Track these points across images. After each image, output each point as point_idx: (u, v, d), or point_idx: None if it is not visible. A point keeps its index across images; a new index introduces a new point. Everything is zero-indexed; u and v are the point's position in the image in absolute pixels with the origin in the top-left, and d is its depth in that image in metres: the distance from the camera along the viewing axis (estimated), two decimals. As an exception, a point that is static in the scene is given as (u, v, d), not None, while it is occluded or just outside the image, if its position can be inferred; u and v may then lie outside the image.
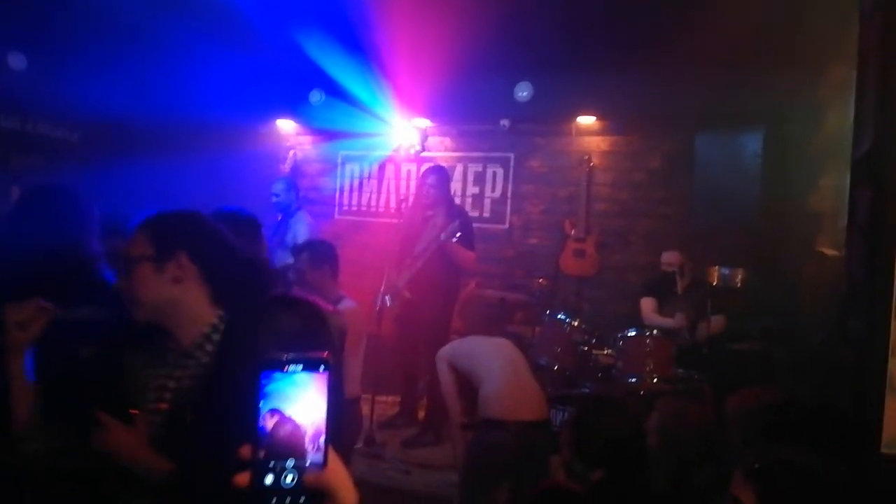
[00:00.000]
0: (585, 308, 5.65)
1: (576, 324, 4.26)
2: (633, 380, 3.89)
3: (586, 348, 4.17)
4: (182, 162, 5.28)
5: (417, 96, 5.87)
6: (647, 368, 3.86)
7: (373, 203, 6.61)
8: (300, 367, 0.69)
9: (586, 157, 5.78)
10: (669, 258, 4.80)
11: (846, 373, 1.96)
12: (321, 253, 3.34)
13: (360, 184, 6.66)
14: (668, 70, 4.81)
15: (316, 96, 6.09)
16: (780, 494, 1.46)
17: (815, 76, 4.73)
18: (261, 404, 0.68)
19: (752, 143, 4.67)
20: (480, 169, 6.22)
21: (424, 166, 5.56)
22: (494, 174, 6.18)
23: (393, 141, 6.38)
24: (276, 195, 5.33)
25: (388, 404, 5.15)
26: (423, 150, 6.26)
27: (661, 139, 5.64)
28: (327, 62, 5.25)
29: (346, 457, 2.68)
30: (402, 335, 4.89)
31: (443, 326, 4.72)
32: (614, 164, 5.82)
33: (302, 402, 0.68)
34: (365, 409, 4.48)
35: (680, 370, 4.03)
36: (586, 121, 5.83)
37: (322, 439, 0.69)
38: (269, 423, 0.68)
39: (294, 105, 6.30)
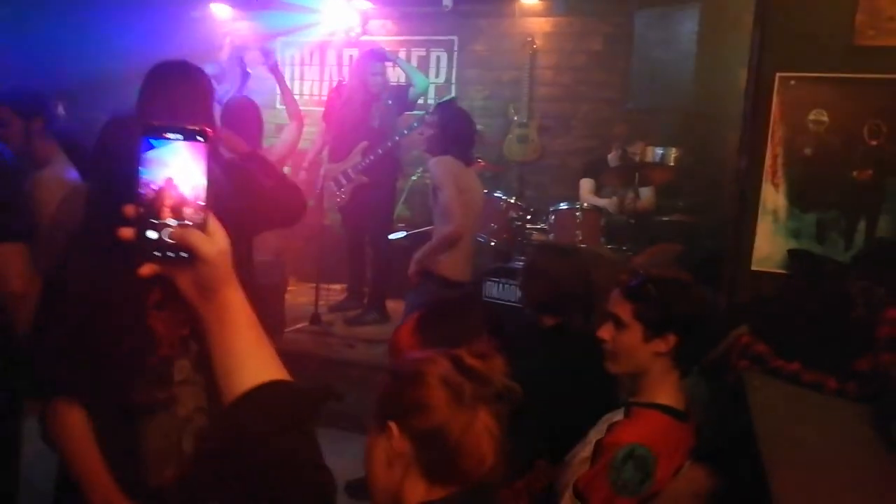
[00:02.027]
0: (528, 193, 5.75)
1: (512, 201, 4.37)
2: (564, 250, 4.04)
3: (520, 224, 4.30)
4: (108, 41, 5.03)
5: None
6: (577, 239, 4.02)
7: (315, 91, 6.47)
8: (180, 136, 0.74)
9: (529, 38, 5.71)
10: (637, 149, 4.85)
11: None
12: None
13: (301, 72, 6.49)
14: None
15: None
16: (651, 306, 1.60)
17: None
18: (142, 169, 0.74)
19: (689, 20, 4.65)
20: (424, 53, 6.10)
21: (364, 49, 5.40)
22: (438, 58, 6.07)
23: (333, 24, 6.17)
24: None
25: (335, 291, 5.26)
26: (364, 33, 6.09)
27: (602, 19, 5.58)
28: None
29: None
30: (347, 223, 4.91)
31: (388, 213, 4.80)
32: (557, 46, 5.76)
33: (181, 169, 0.74)
34: (312, 294, 4.63)
35: (609, 245, 4.21)
36: (529, 1, 5.71)
37: (202, 203, 0.75)
38: (152, 186, 0.74)
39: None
